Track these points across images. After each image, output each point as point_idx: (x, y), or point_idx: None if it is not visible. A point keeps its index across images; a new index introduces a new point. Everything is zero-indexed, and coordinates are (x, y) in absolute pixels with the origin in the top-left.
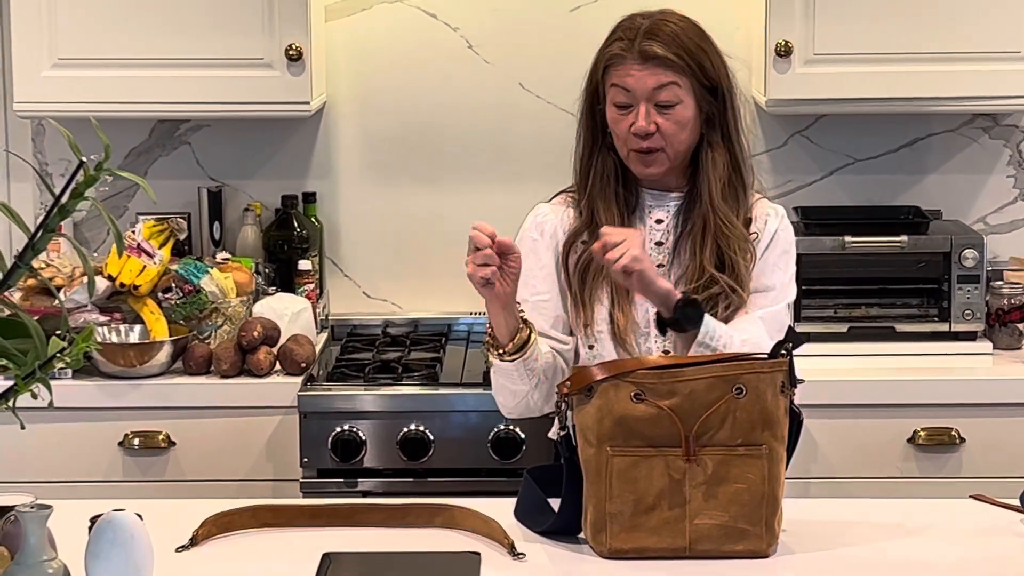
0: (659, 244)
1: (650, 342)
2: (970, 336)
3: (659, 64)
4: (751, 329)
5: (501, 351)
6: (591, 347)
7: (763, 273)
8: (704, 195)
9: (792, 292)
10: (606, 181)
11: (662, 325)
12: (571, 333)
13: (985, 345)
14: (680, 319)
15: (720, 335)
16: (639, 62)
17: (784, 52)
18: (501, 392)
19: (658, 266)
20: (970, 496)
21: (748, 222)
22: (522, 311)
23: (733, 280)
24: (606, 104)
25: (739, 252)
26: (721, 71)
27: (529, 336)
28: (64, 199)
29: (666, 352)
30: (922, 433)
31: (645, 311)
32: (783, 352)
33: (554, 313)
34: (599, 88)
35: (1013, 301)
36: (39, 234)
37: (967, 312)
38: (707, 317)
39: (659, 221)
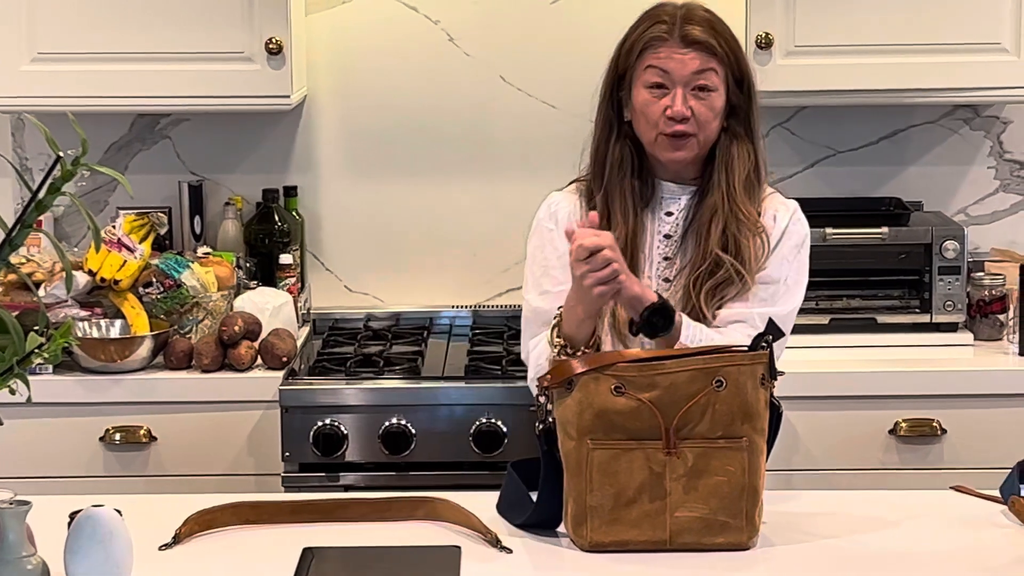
0: (668, 237)
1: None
2: (951, 327)
3: (701, 49)
4: (739, 339)
5: (570, 349)
6: None
7: (772, 264)
8: (722, 184)
9: (798, 295)
10: (622, 172)
11: (633, 329)
12: None
13: (966, 336)
14: (644, 327)
15: (702, 340)
16: (681, 46)
17: (765, 44)
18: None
19: (664, 259)
20: (951, 487)
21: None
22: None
23: (739, 263)
24: (634, 88)
25: (749, 237)
26: (749, 65)
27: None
28: (41, 194)
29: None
30: (903, 424)
31: None
32: (763, 345)
33: None
34: (626, 74)
35: (994, 292)
36: (16, 229)
37: (948, 303)
38: (689, 323)
39: (669, 214)
